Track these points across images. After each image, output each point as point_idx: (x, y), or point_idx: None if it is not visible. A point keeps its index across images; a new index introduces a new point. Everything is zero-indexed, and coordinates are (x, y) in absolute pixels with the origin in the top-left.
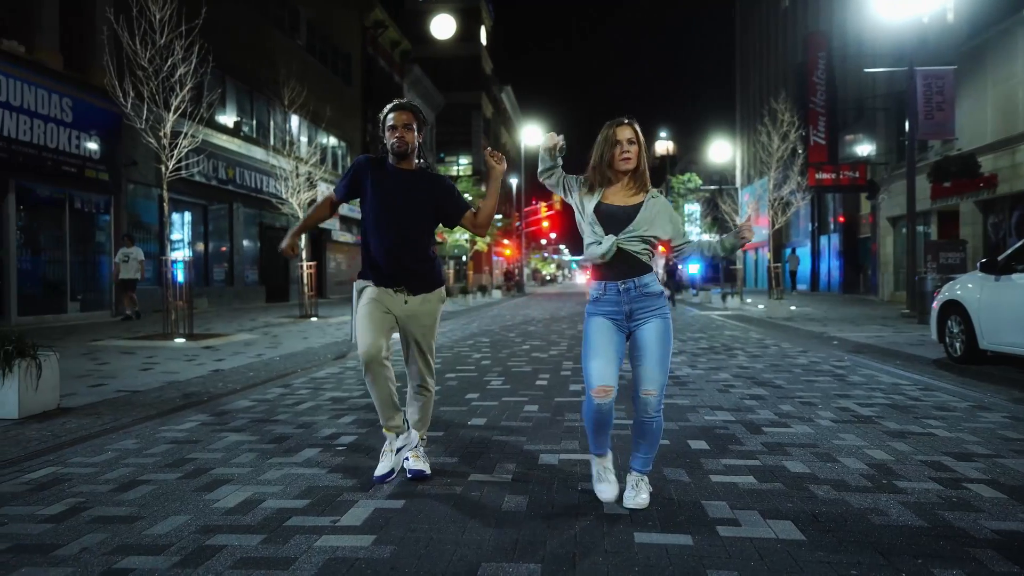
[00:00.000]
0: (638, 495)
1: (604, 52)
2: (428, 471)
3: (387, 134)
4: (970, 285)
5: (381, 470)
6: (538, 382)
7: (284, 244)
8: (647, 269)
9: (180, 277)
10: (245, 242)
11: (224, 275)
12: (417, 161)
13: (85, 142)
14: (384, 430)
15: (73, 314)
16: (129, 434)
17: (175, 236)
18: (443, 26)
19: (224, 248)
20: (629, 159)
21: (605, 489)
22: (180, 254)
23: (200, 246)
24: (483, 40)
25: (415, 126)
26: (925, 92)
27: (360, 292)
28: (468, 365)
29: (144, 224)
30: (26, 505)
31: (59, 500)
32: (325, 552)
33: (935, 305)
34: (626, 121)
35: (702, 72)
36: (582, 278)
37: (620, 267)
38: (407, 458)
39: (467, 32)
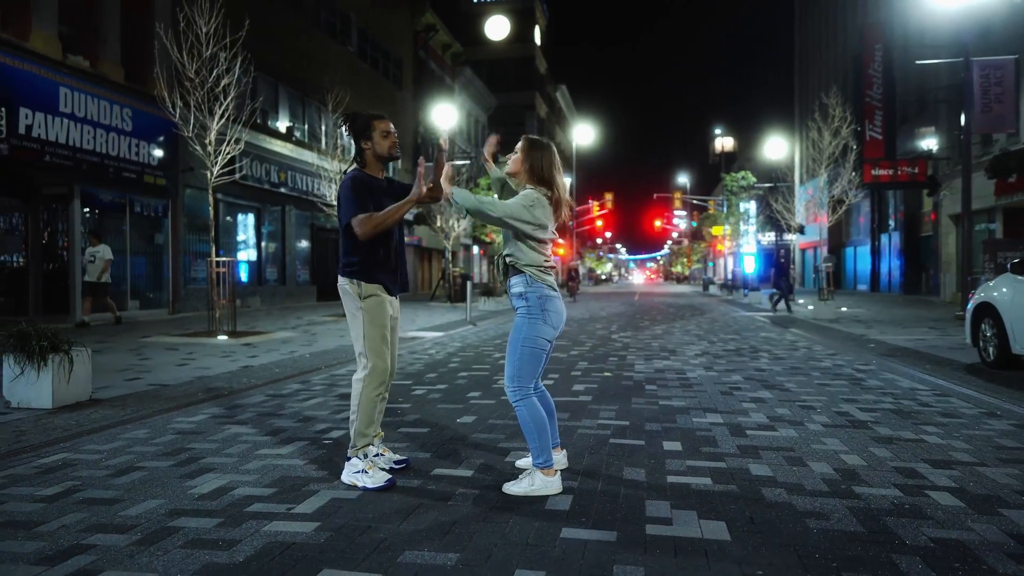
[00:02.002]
0: (515, 484)
1: (661, 47)
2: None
3: (384, 141)
4: (1004, 287)
5: (386, 479)
6: (545, 382)
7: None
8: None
9: (244, 277)
10: (297, 243)
11: (277, 275)
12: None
13: (144, 149)
14: (367, 447)
15: (133, 312)
16: (143, 425)
17: (239, 237)
18: (497, 27)
19: (277, 249)
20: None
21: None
22: (243, 255)
23: (255, 247)
24: (537, 40)
25: None
26: (982, 84)
27: (367, 298)
28: (484, 364)
29: (203, 226)
30: (29, 486)
31: (59, 483)
32: (268, 536)
33: (969, 307)
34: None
35: (760, 67)
36: (639, 277)
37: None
38: (380, 454)
39: (521, 32)
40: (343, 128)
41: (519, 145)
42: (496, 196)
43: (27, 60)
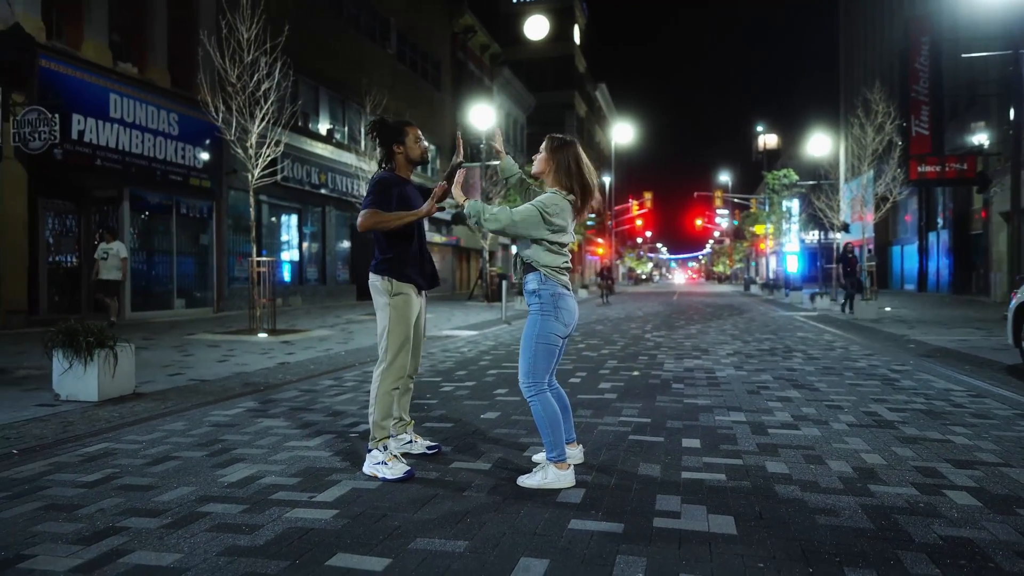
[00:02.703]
0: (529, 477)
1: (701, 44)
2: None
3: (416, 146)
4: None
5: (405, 471)
6: (571, 380)
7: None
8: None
9: (287, 276)
10: (337, 243)
11: (318, 274)
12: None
13: (190, 153)
14: (386, 439)
15: (179, 310)
16: (182, 417)
17: (282, 238)
18: (537, 27)
19: (318, 249)
20: None
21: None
22: (286, 255)
23: (296, 247)
24: (577, 39)
25: None
26: None
27: (396, 296)
28: (514, 363)
29: (247, 227)
30: (72, 473)
31: (99, 470)
32: (288, 522)
33: (1011, 307)
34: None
35: (804, 63)
36: (680, 277)
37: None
38: (413, 441)
39: (561, 32)
40: (373, 134)
41: (543, 145)
42: (518, 196)
43: (79, 68)
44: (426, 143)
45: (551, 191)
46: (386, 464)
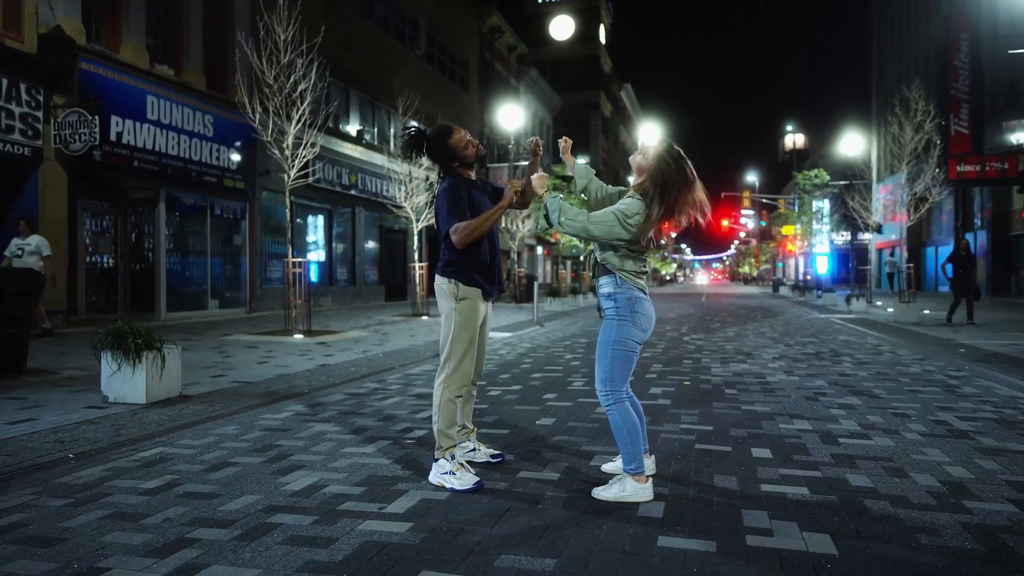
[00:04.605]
0: (605, 489)
1: (727, 43)
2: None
3: (467, 149)
4: None
5: (474, 482)
6: None
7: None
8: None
9: (313, 277)
10: (366, 243)
11: (347, 275)
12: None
13: (224, 154)
14: (452, 447)
15: (213, 311)
16: (232, 421)
17: (310, 238)
18: (562, 27)
19: (347, 249)
20: None
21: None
22: (314, 256)
23: (325, 248)
24: (602, 39)
25: None
26: None
27: (462, 300)
28: (557, 366)
29: (279, 228)
30: (132, 479)
31: (158, 476)
32: (363, 535)
33: None
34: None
35: (836, 61)
36: (704, 278)
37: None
38: (476, 449)
39: (586, 32)
40: (412, 153)
41: (653, 148)
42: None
43: (118, 71)
44: (472, 138)
45: (634, 198)
46: (454, 474)
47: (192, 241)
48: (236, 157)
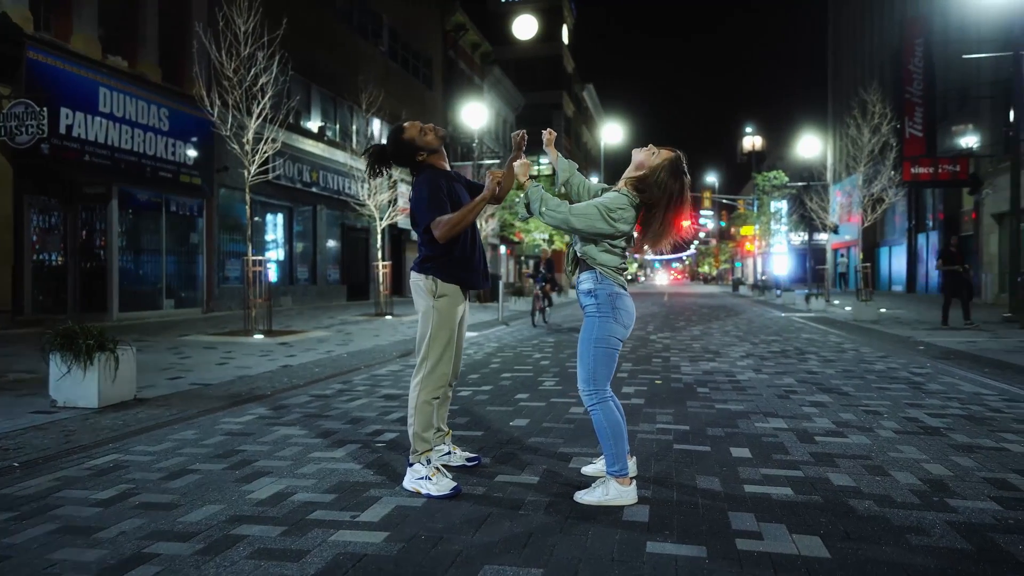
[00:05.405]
0: (588, 492)
1: (687, 45)
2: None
3: (427, 136)
4: None
5: (451, 487)
6: None
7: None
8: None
9: (273, 277)
10: (328, 242)
11: (308, 274)
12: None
13: (180, 149)
14: (428, 452)
15: (168, 310)
16: (191, 425)
17: (269, 237)
18: (525, 27)
19: (308, 248)
20: None
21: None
22: (273, 254)
23: (285, 247)
24: (565, 39)
25: None
26: None
27: (440, 297)
28: (526, 365)
29: (237, 226)
30: (83, 489)
31: (113, 486)
32: (337, 547)
33: None
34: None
35: (792, 63)
36: (664, 277)
37: None
38: (451, 452)
39: (549, 32)
40: (379, 169)
41: (663, 155)
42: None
43: (68, 61)
44: (430, 125)
45: (620, 191)
46: (430, 479)
47: (146, 239)
48: (193, 152)
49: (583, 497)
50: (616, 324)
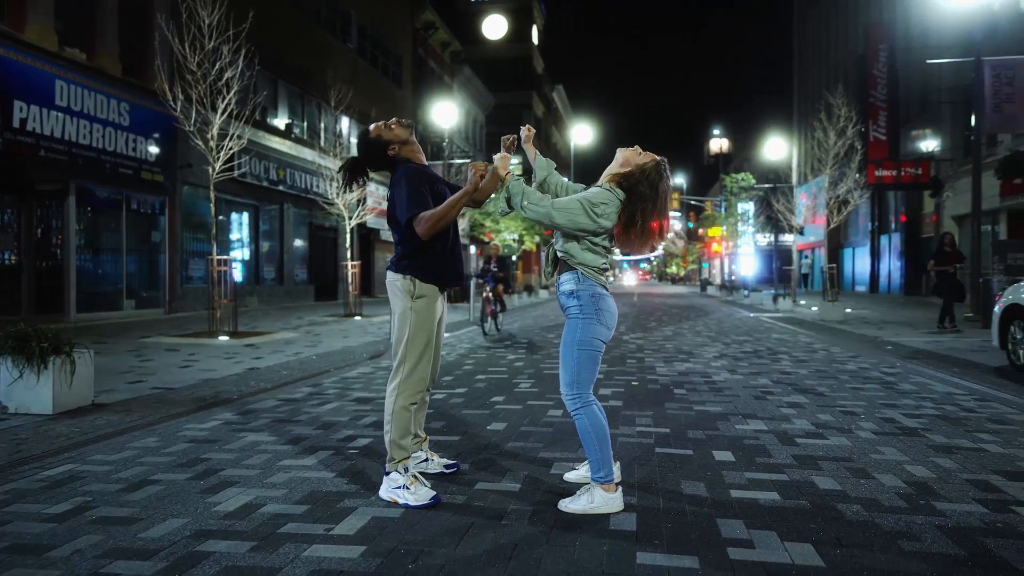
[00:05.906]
0: (572, 501)
1: (655, 47)
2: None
3: (389, 128)
4: None
5: (431, 496)
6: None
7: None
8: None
9: (238, 276)
10: (295, 241)
11: (274, 274)
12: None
13: (141, 145)
14: (405, 459)
15: (129, 311)
16: (152, 432)
17: (235, 236)
18: (495, 27)
19: (275, 248)
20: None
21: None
22: (238, 254)
23: (251, 246)
24: (535, 39)
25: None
26: (994, 83)
27: (419, 298)
28: (500, 367)
29: (201, 224)
30: (35, 503)
31: (67, 499)
32: (311, 563)
33: (997, 309)
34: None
35: (759, 67)
36: (632, 278)
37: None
38: (428, 459)
39: (519, 32)
40: (355, 179)
41: (650, 156)
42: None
43: (22, 52)
44: (394, 119)
45: (603, 186)
46: (408, 488)
47: (106, 237)
48: (155, 149)
49: (568, 505)
50: (599, 326)
